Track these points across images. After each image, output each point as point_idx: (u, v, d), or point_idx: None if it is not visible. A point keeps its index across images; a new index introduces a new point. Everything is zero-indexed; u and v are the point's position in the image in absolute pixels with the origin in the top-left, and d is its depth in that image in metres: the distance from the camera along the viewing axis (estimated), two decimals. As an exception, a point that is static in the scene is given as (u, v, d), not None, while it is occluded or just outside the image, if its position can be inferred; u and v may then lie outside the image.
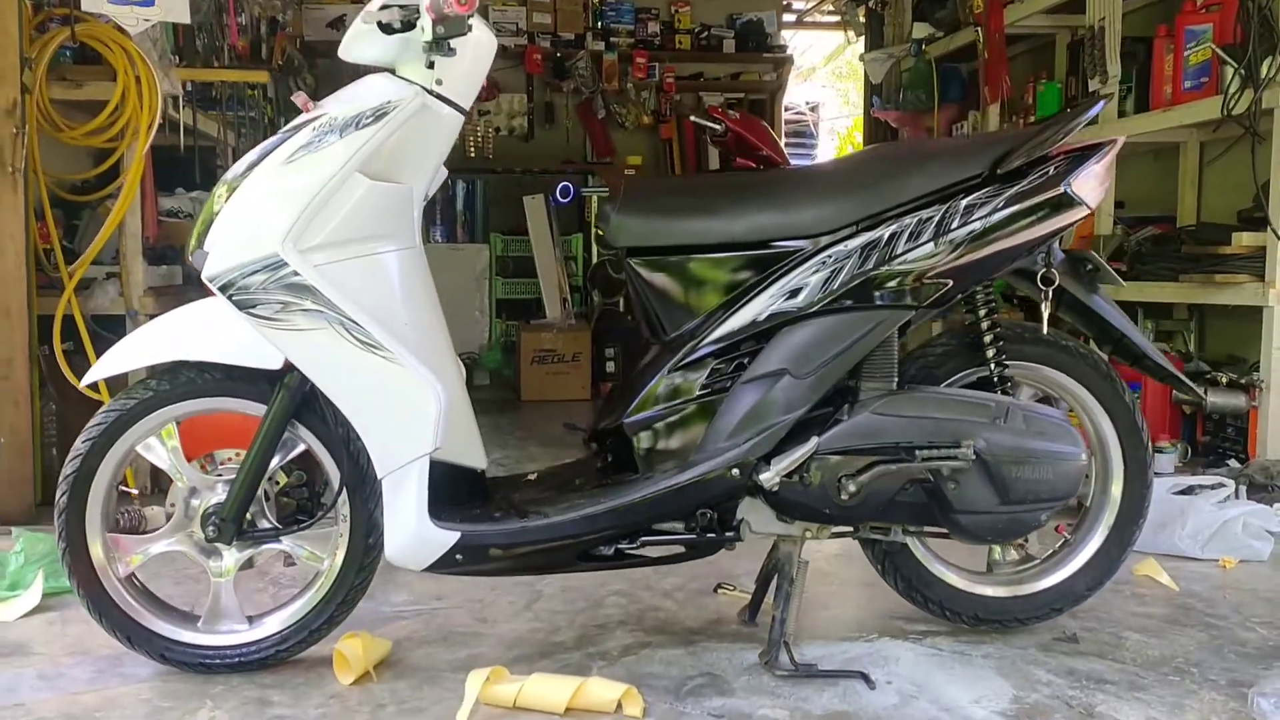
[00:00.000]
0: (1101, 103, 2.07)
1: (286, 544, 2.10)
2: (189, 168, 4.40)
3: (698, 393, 2.02)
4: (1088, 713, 1.91)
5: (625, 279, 2.12)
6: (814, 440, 1.96)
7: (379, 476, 1.97)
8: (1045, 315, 2.10)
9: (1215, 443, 4.15)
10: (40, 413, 3.38)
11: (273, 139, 1.97)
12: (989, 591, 2.23)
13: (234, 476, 2.04)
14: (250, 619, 2.13)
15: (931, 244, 1.98)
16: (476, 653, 2.20)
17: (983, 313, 2.11)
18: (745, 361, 2.01)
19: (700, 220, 2.05)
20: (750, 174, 2.19)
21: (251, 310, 1.90)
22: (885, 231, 1.98)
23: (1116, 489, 2.22)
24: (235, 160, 2.10)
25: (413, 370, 1.93)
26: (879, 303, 1.98)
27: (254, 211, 1.91)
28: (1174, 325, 4.95)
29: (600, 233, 2.15)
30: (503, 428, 5.12)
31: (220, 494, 2.06)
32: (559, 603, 2.46)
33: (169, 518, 2.11)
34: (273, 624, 2.12)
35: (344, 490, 2.05)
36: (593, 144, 7.69)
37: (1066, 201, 2.03)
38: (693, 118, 4.31)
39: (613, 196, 2.11)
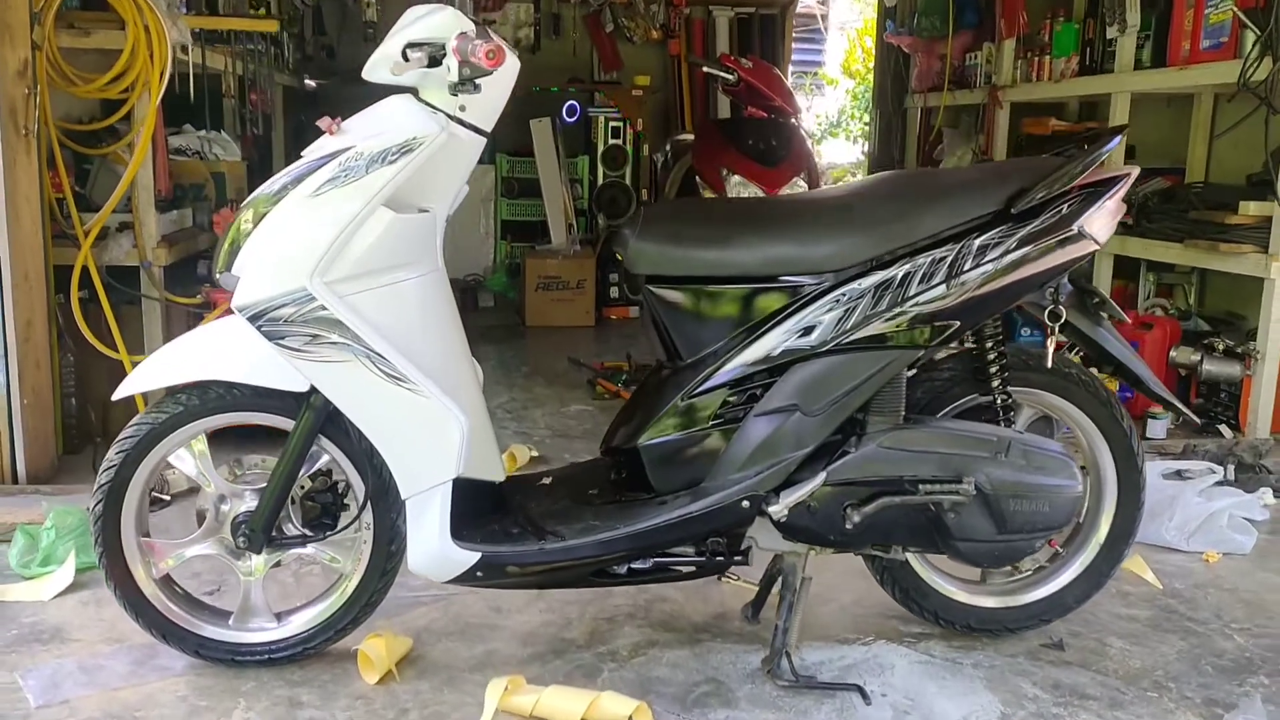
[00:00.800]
0: (1117, 139, 2.08)
1: (312, 549, 2.20)
2: (196, 103, 4.36)
3: (710, 422, 2.08)
4: (1069, 733, 2.04)
5: (641, 302, 2.16)
6: (823, 475, 2.04)
7: (403, 497, 2.06)
8: (1051, 349, 2.15)
9: (1208, 406, 4.24)
10: (59, 366, 3.45)
11: (300, 166, 1.98)
12: (982, 602, 2.34)
13: (262, 485, 2.13)
14: (279, 616, 2.24)
15: (944, 286, 2.02)
16: (492, 648, 2.32)
17: (989, 344, 2.16)
18: (758, 393, 2.07)
19: (717, 251, 2.08)
20: (767, 204, 2.20)
21: (280, 341, 1.96)
22: (899, 272, 2.02)
23: (1109, 508, 2.31)
24: (243, 94, 2.10)
25: (437, 402, 1.99)
26: (890, 344, 2.03)
27: (282, 244, 1.95)
28: (1175, 279, 4.99)
29: (619, 256, 2.17)
30: (508, 362, 5.18)
31: (249, 501, 2.15)
32: (570, 593, 2.56)
33: (200, 520, 2.20)
34: (300, 622, 2.23)
35: (368, 502, 2.13)
36: (600, 58, 7.57)
37: (1077, 239, 2.07)
38: (705, 67, 4.27)
39: (631, 220, 2.14)
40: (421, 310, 2.06)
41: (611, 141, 6.91)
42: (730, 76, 4.33)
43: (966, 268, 2.02)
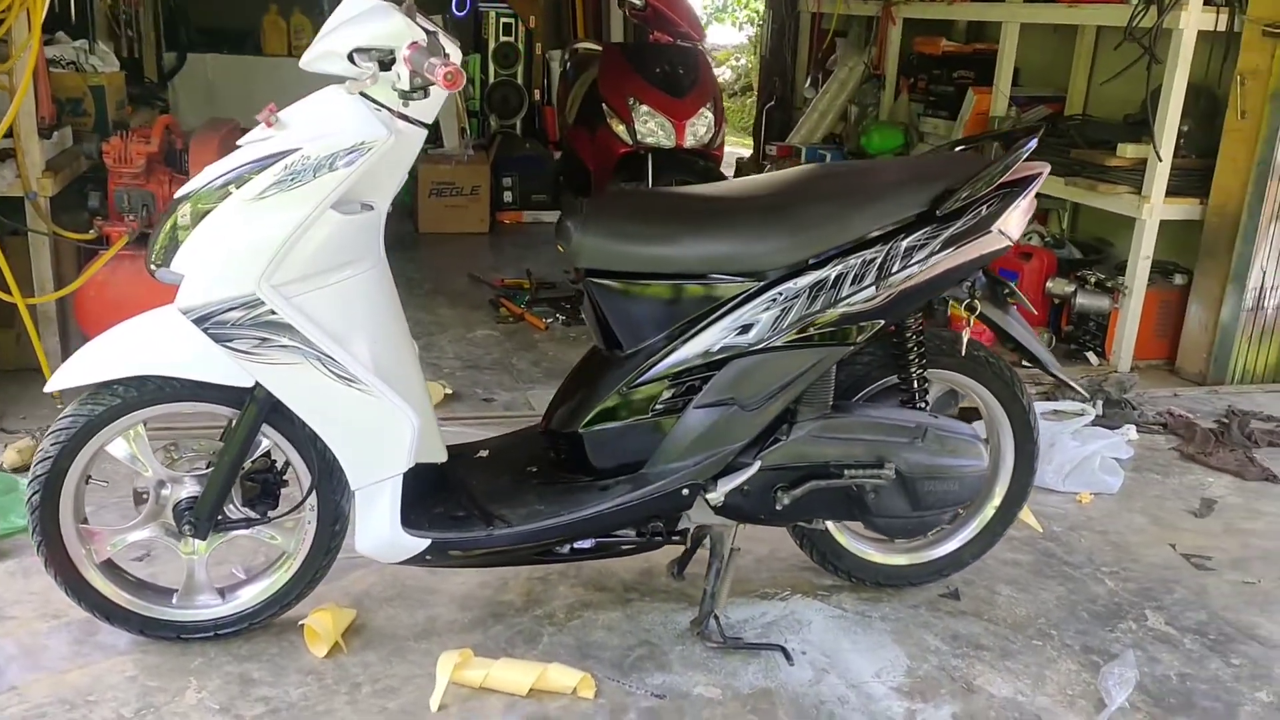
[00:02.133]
0: (1033, 141, 2.20)
1: (253, 530, 2.24)
2: (65, 6, 4.10)
3: (651, 412, 2.18)
4: (968, 686, 2.27)
5: (582, 293, 2.22)
6: (757, 464, 2.17)
7: (352, 488, 2.11)
8: (965, 339, 2.31)
9: (1077, 333, 4.54)
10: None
11: (240, 164, 1.94)
12: (892, 560, 2.54)
13: (201, 470, 2.15)
14: (222, 593, 2.29)
15: (873, 288, 2.13)
16: (433, 614, 2.42)
17: (908, 334, 2.30)
18: (697, 384, 2.17)
19: (658, 248, 2.14)
20: (706, 201, 2.25)
21: (229, 344, 1.95)
22: (831, 273, 2.12)
23: (1006, 475, 2.51)
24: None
25: (388, 402, 2.03)
26: (823, 342, 2.15)
27: (227, 246, 1.92)
28: (1050, 204, 5.24)
29: (560, 248, 2.21)
30: (409, 278, 5.14)
31: (189, 486, 2.17)
32: (503, 553, 2.67)
33: (139, 502, 2.21)
34: (246, 598, 2.28)
35: (314, 489, 2.17)
36: (489, -53, 7.30)
37: (996, 239, 2.21)
38: (614, -8, 4.20)
39: (573, 212, 2.17)
40: (368, 306, 2.07)
41: (503, 39, 6.75)
42: (637, 1, 4.28)
43: (895, 269, 2.14)
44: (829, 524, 2.45)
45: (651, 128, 4.43)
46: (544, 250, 5.92)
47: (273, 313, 1.94)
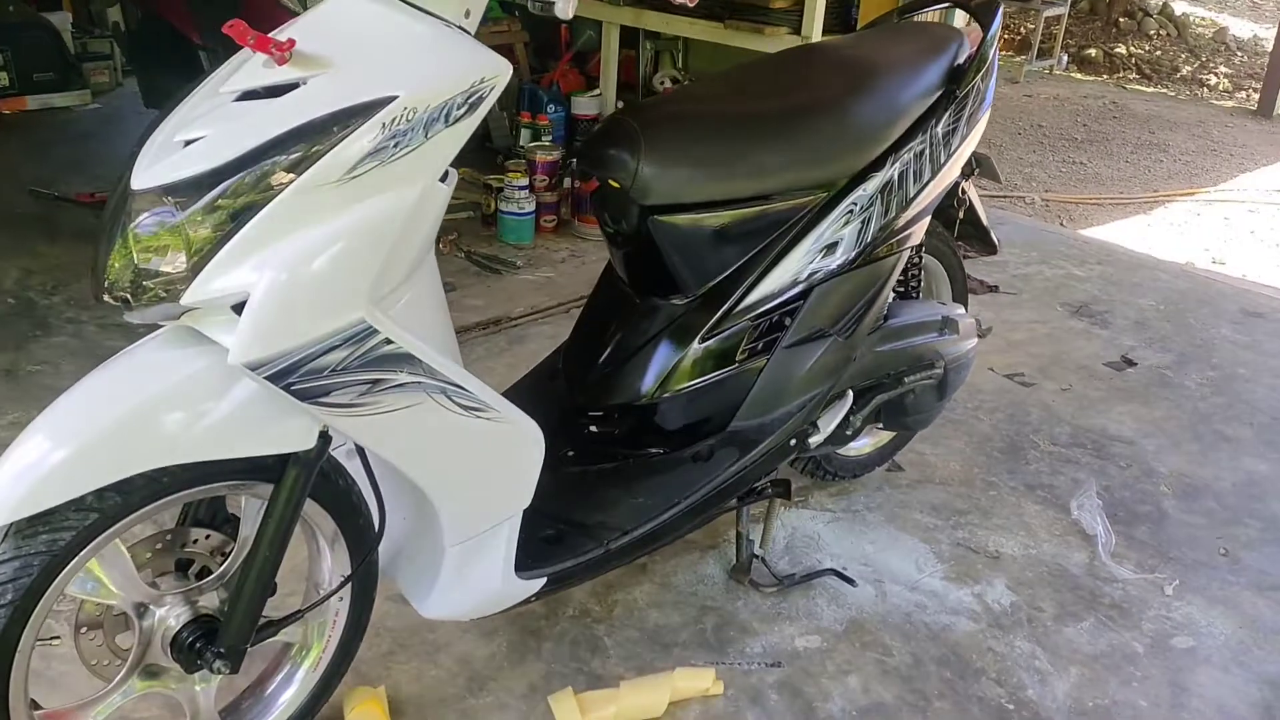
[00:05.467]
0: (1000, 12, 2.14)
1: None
2: None
3: (736, 362, 1.87)
4: (991, 555, 2.35)
5: (637, 237, 1.80)
6: (850, 393, 1.98)
7: (447, 546, 1.57)
8: (960, 218, 2.26)
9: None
10: None
11: (274, 127, 1.25)
12: (864, 450, 2.49)
13: (230, 584, 1.48)
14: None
15: (931, 181, 1.99)
16: (461, 655, 1.95)
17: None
18: (777, 320, 1.89)
19: (731, 174, 1.79)
20: (766, 109, 1.90)
21: (323, 400, 1.31)
22: (894, 173, 1.94)
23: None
24: None
25: (518, 424, 1.52)
26: (900, 246, 1.98)
27: (310, 258, 1.25)
28: (663, 45, 5.26)
29: (615, 184, 1.75)
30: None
31: (175, 605, 1.48)
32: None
33: (98, 654, 1.47)
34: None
35: (367, 556, 1.59)
36: None
37: (987, 111, 2.16)
38: None
39: (625, 140, 1.72)
40: (439, 300, 1.51)
41: None
42: None
43: (942, 159, 2.01)
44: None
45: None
46: (74, 146, 4.77)
47: (388, 342, 1.33)
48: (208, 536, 1.52)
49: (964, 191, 2.22)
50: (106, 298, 1.30)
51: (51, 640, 1.41)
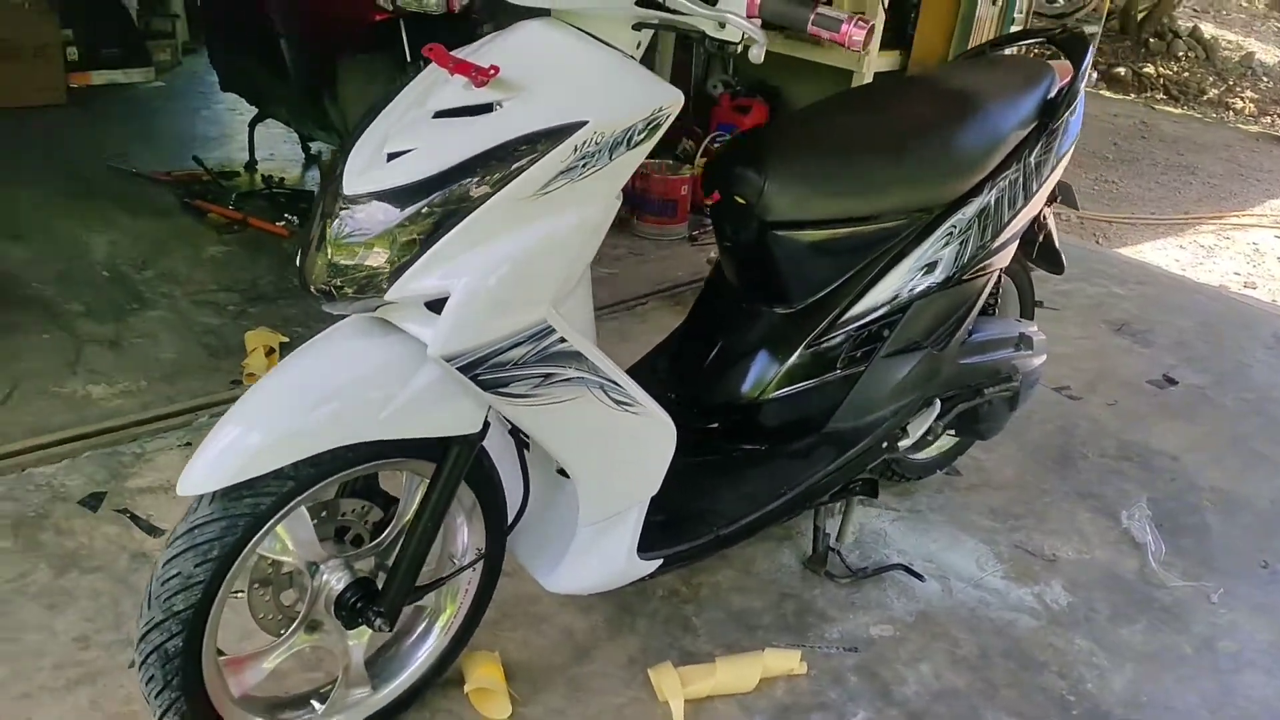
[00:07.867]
0: (1091, 51, 2.28)
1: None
2: None
3: (837, 368, 2.02)
4: (1049, 559, 2.50)
5: (754, 249, 1.94)
6: (938, 403, 2.13)
7: (582, 525, 1.73)
8: (1040, 242, 2.40)
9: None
10: None
11: (474, 145, 1.39)
12: (929, 455, 2.64)
13: (387, 551, 1.64)
14: (373, 681, 1.79)
15: (1024, 208, 2.13)
16: (565, 627, 2.10)
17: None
18: (876, 331, 2.04)
19: (851, 196, 1.94)
20: (879, 135, 2.04)
21: (502, 390, 1.46)
22: (990, 199, 2.08)
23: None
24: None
25: (657, 418, 1.67)
26: (989, 269, 2.12)
27: (508, 264, 1.39)
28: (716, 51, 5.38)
29: (741, 200, 1.90)
30: (47, 186, 3.99)
31: (334, 568, 1.63)
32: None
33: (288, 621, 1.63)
34: (402, 677, 1.81)
35: (510, 530, 1.75)
36: None
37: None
38: None
39: (752, 160, 1.87)
40: (591, 303, 1.65)
41: None
42: None
43: (1034, 188, 2.15)
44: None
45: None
46: (142, 122, 4.92)
47: (562, 340, 1.48)
48: (364, 508, 1.68)
49: (1045, 218, 2.37)
50: (312, 289, 1.44)
51: (237, 594, 1.55)
